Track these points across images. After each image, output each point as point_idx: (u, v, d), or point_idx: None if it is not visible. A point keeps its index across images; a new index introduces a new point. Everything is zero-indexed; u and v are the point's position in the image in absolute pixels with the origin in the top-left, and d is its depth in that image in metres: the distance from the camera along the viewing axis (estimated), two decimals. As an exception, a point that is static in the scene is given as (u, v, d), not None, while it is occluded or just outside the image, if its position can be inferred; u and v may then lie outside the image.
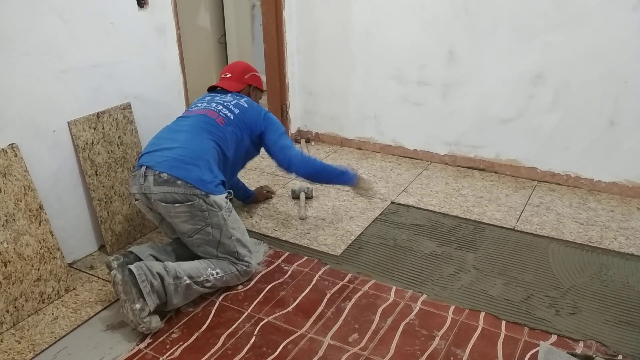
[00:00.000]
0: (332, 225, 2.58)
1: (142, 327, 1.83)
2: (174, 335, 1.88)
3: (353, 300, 2.03)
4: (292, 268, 2.25)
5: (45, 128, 2.12)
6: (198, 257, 2.09)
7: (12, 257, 1.94)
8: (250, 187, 2.89)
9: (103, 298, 2.10)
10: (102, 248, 2.45)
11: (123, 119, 2.42)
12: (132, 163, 2.46)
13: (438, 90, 3.14)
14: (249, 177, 3.16)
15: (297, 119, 3.74)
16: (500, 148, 3.07)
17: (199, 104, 2.31)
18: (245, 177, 3.14)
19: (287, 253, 2.36)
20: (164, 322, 1.93)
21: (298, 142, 3.70)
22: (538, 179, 3.01)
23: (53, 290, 2.09)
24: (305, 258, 2.32)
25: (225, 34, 4.79)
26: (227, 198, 2.07)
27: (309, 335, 1.86)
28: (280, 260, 2.31)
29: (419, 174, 3.16)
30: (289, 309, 2.00)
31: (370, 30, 3.22)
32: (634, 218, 2.58)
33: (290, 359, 1.75)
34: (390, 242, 2.43)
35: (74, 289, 2.16)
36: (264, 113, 2.36)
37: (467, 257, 2.30)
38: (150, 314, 1.86)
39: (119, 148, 2.41)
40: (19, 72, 1.99)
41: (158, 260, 2.03)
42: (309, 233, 2.52)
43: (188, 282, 1.94)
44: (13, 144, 1.99)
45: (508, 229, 2.51)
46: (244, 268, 2.10)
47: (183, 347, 1.82)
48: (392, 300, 2.03)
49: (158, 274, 1.87)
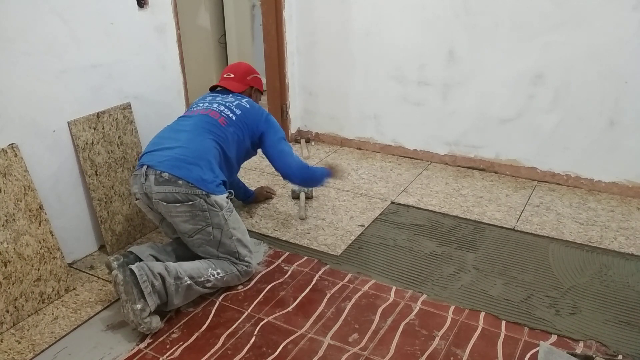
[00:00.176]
0: (332, 225, 2.58)
1: (142, 327, 1.83)
2: (174, 335, 1.88)
3: (353, 300, 2.03)
4: (292, 268, 2.25)
5: (45, 128, 2.12)
6: (198, 257, 2.09)
7: (12, 257, 1.94)
8: (250, 187, 2.89)
9: (103, 298, 2.10)
10: (102, 248, 2.45)
11: (123, 119, 2.42)
12: (132, 163, 2.46)
13: (438, 90, 3.14)
14: (249, 177, 3.16)
15: (297, 119, 3.74)
16: (500, 148, 3.07)
17: (201, 104, 2.31)
18: (245, 177, 3.14)
19: (287, 253, 2.36)
20: (164, 322, 1.93)
21: (298, 142, 3.70)
22: (538, 179, 3.01)
23: (53, 290, 2.09)
24: (305, 258, 2.32)
25: (225, 34, 4.79)
26: (227, 198, 2.07)
27: (309, 335, 1.86)
28: (280, 260, 2.31)
29: (419, 174, 3.15)
30: (289, 309, 2.00)
31: (370, 30, 3.22)
32: (634, 218, 2.58)
33: (290, 359, 1.75)
34: (390, 242, 2.43)
35: (74, 289, 2.16)
36: (266, 115, 2.36)
37: (467, 257, 2.30)
38: (151, 314, 1.86)
39: (119, 148, 2.41)
40: (19, 72, 1.99)
41: (158, 260, 2.03)
42: (309, 233, 2.52)
43: (189, 282, 1.94)
44: (13, 144, 1.99)
45: (508, 229, 2.51)
46: (245, 268, 2.10)
47: (183, 347, 1.82)
48: (392, 300, 2.03)
49: (159, 274, 1.88)
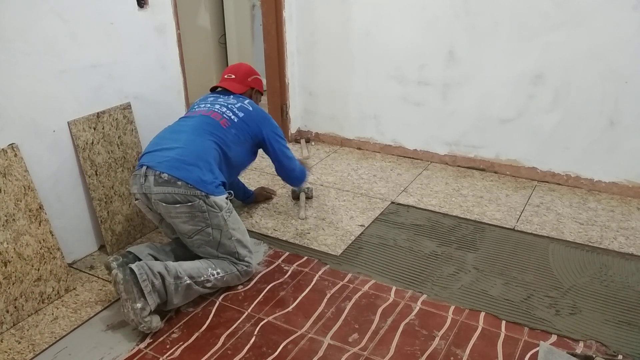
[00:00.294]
0: (332, 225, 2.58)
1: (143, 326, 1.83)
2: (174, 335, 1.88)
3: (353, 300, 2.03)
4: (292, 268, 2.25)
5: (45, 128, 2.12)
6: (197, 257, 2.09)
7: (12, 257, 1.94)
8: (250, 187, 2.89)
9: (103, 298, 2.10)
10: (102, 248, 2.45)
11: (123, 119, 2.41)
12: (132, 163, 2.46)
13: (438, 90, 3.14)
14: (249, 177, 3.16)
15: (297, 119, 3.74)
16: (500, 148, 3.07)
17: (202, 105, 2.31)
18: (245, 177, 3.14)
19: (287, 253, 2.36)
20: (164, 322, 1.93)
21: (298, 142, 3.70)
22: (538, 179, 3.01)
23: (53, 290, 2.09)
24: (305, 258, 2.32)
25: (225, 34, 4.79)
26: (227, 199, 2.07)
27: (309, 335, 1.86)
28: (280, 260, 2.31)
29: (419, 174, 3.15)
30: (289, 309, 2.00)
31: (370, 30, 3.22)
32: (634, 218, 2.58)
33: (290, 359, 1.75)
34: (390, 242, 2.43)
35: (74, 289, 2.16)
36: (268, 119, 2.38)
37: (467, 257, 2.30)
38: (151, 314, 1.86)
39: (119, 148, 2.41)
40: (19, 72, 1.99)
41: (157, 260, 2.03)
42: (309, 233, 2.52)
43: (189, 282, 1.94)
44: (13, 144, 1.99)
45: (508, 229, 2.51)
46: (245, 268, 2.10)
47: (183, 347, 1.82)
48: (392, 300, 2.03)
49: (159, 274, 1.88)
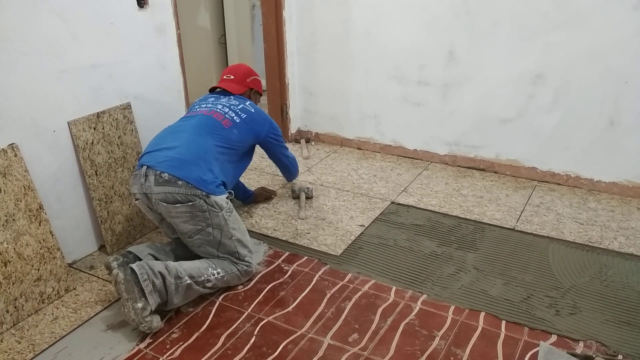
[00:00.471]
0: (332, 225, 2.58)
1: (143, 326, 1.83)
2: (174, 335, 1.88)
3: (353, 300, 2.03)
4: (292, 268, 2.25)
5: (45, 128, 2.12)
6: (197, 257, 2.09)
7: (12, 257, 1.94)
8: (250, 187, 2.89)
9: (103, 298, 2.10)
10: (102, 248, 2.45)
11: (123, 119, 2.41)
12: (132, 163, 2.46)
13: (438, 90, 3.14)
14: (249, 177, 3.16)
15: (297, 119, 3.74)
16: (500, 148, 3.07)
17: (203, 105, 2.31)
18: (245, 177, 3.13)
19: (287, 253, 2.36)
20: (164, 322, 1.93)
21: (298, 142, 3.70)
22: (538, 179, 3.01)
23: (53, 290, 2.09)
24: (305, 258, 2.32)
25: (225, 34, 4.79)
26: (227, 198, 2.07)
27: (309, 335, 1.86)
28: (280, 260, 2.31)
29: (419, 174, 3.15)
30: (289, 309, 2.00)
31: (370, 30, 3.22)
32: (634, 218, 2.58)
33: (290, 359, 1.75)
34: (390, 242, 2.43)
35: (74, 289, 2.16)
36: (270, 121, 2.42)
37: (467, 257, 2.30)
38: (152, 314, 1.86)
39: (119, 148, 2.41)
40: (19, 72, 1.99)
41: (157, 260, 2.03)
42: (309, 233, 2.52)
43: (189, 281, 1.94)
44: (13, 144, 1.99)
45: (508, 229, 2.51)
46: (245, 268, 2.10)
47: (183, 347, 1.82)
48: (392, 300, 2.03)
49: (160, 273, 1.88)
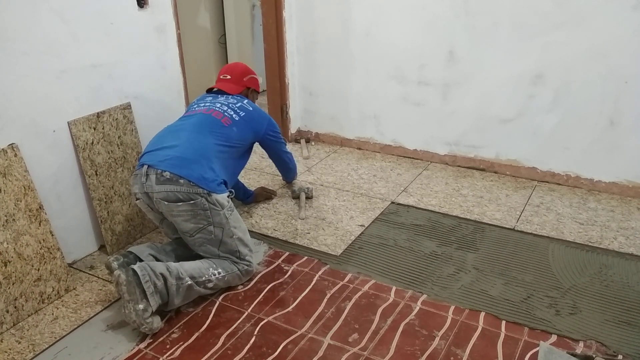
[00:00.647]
0: (332, 225, 2.58)
1: (144, 327, 1.82)
2: (174, 335, 1.88)
3: (353, 300, 2.03)
4: (292, 268, 2.25)
5: (45, 128, 2.12)
6: (198, 257, 2.09)
7: (12, 257, 1.94)
8: (250, 187, 2.89)
9: (103, 298, 2.10)
10: (102, 248, 2.45)
11: (123, 119, 2.41)
12: (132, 163, 2.46)
13: (438, 90, 3.14)
14: (249, 177, 3.16)
15: (297, 119, 3.74)
16: (500, 148, 3.07)
17: (201, 104, 2.31)
18: (245, 177, 3.14)
19: (287, 253, 2.36)
20: (164, 322, 1.93)
21: (298, 142, 3.70)
22: (538, 179, 3.01)
23: (53, 290, 2.09)
24: (305, 258, 2.32)
25: (225, 34, 4.78)
26: (228, 197, 2.07)
27: (309, 335, 1.86)
28: (280, 260, 2.31)
29: (419, 174, 3.15)
30: (289, 309, 2.00)
31: (370, 30, 3.22)
32: (634, 218, 2.58)
33: (290, 359, 1.76)
34: (390, 242, 2.43)
35: (74, 289, 2.16)
36: (268, 118, 2.42)
37: (467, 257, 2.30)
38: (152, 315, 1.86)
39: (119, 148, 2.41)
40: (19, 72, 1.99)
41: (158, 260, 2.03)
42: (309, 233, 2.52)
43: (190, 282, 1.94)
44: (13, 144, 1.99)
45: (508, 229, 2.51)
46: (246, 268, 2.10)
47: (183, 347, 1.82)
48: (392, 300, 2.03)
49: (161, 275, 1.87)
